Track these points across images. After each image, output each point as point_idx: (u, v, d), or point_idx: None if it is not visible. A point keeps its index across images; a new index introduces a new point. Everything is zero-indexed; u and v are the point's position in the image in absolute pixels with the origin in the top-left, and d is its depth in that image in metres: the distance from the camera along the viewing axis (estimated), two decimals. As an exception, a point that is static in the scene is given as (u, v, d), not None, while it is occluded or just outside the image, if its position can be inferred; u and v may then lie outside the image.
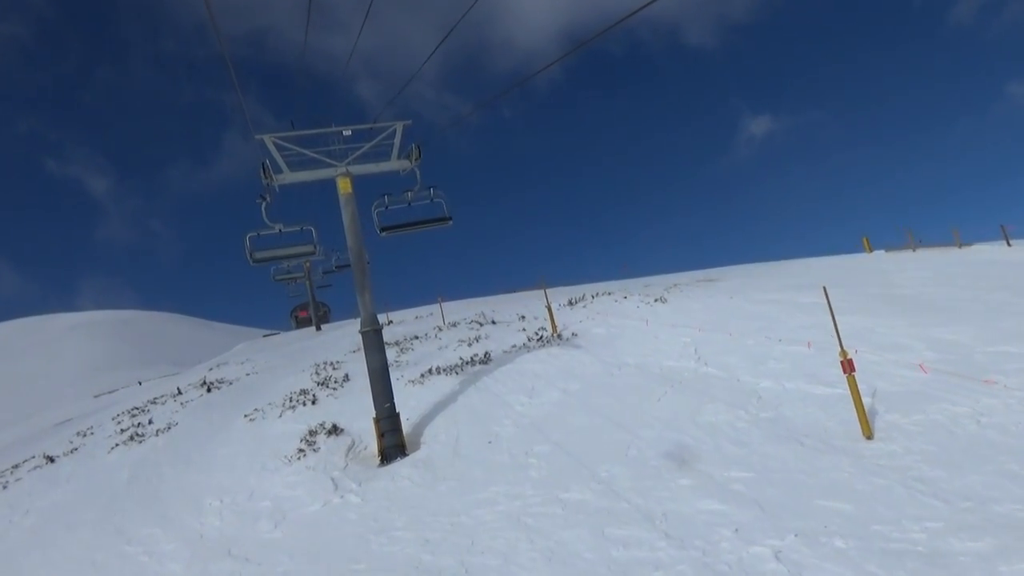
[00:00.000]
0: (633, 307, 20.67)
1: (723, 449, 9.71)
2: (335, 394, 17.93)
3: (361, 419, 15.02)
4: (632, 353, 15.42)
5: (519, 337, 19.31)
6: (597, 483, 9.46)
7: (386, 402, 13.09)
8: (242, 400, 21.56)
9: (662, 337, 16.22)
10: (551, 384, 14.21)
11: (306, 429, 15.11)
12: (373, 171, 14.26)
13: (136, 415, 24.14)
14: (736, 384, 12.19)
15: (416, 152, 13.91)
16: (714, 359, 13.80)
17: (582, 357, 15.75)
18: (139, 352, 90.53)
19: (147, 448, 19.00)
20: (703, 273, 31.01)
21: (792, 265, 28.57)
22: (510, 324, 22.14)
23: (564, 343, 17.44)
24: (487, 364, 16.75)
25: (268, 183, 13.62)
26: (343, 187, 13.75)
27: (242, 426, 17.60)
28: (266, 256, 14.34)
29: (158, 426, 21.06)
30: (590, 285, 37.88)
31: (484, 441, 12.14)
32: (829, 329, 14.77)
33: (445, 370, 16.83)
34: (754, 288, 21.18)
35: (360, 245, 13.58)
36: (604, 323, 19.01)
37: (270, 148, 13.70)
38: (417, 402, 15.08)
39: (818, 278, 22.05)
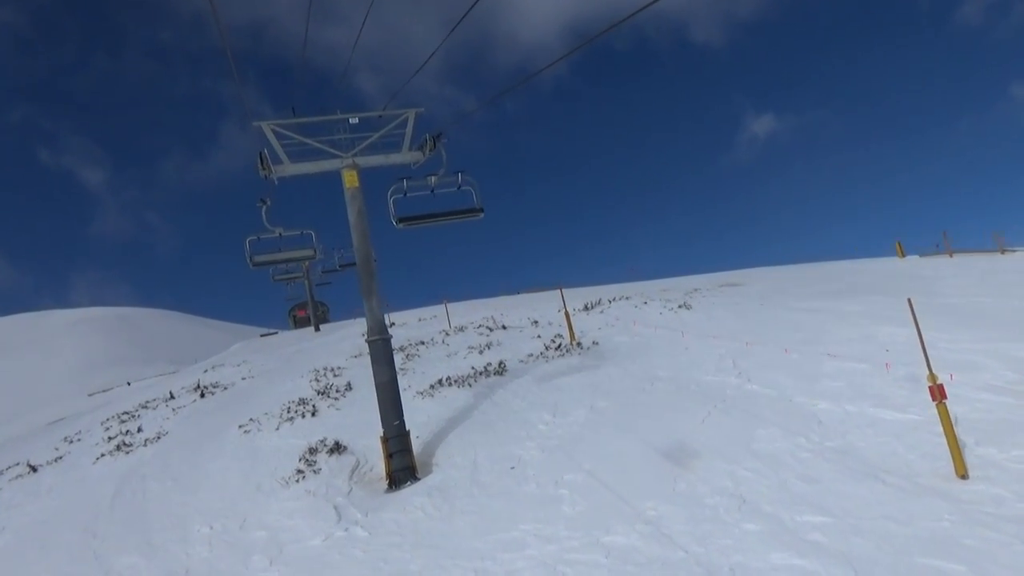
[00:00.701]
0: (655, 313, 19.37)
1: (789, 486, 8.39)
2: (336, 405, 16.61)
3: (366, 435, 13.69)
4: (663, 366, 14.10)
5: (534, 345, 17.98)
6: (644, 524, 8.14)
7: (395, 419, 11.77)
8: (237, 408, 20.28)
9: (694, 348, 14.90)
10: (576, 400, 12.89)
11: (305, 445, 13.79)
12: (382, 163, 12.93)
13: (126, 421, 22.89)
14: (789, 405, 10.87)
15: (431, 143, 12.56)
16: (758, 375, 12.49)
17: (608, 369, 14.43)
18: (136, 350, 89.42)
19: (134, 460, 17.73)
20: (720, 276, 29.71)
21: (816, 269, 27.27)
22: (523, 330, 20.82)
23: (585, 353, 16.12)
24: (502, 375, 15.42)
25: (266, 175, 12.30)
26: (349, 180, 12.43)
27: (236, 438, 16.30)
28: (266, 260, 14.25)
29: (147, 435, 19.80)
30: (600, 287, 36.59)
31: (505, 466, 10.81)
32: (883, 343, 13.52)
33: (457, 381, 15.50)
34: (785, 294, 19.89)
35: (367, 245, 12.26)
36: (626, 331, 17.70)
37: (268, 137, 12.37)
38: (427, 417, 13.76)
39: (852, 284, 20.80)
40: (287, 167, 12.50)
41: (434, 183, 12.37)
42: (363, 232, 12.32)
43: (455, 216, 12.49)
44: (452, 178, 12.46)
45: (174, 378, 33.23)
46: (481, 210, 12.44)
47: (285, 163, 12.51)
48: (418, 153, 13.03)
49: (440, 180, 12.39)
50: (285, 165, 12.50)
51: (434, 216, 12.41)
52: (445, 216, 12.45)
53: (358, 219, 12.31)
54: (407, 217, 12.28)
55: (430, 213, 12.42)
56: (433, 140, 12.58)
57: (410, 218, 12.30)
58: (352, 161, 12.56)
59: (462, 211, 12.52)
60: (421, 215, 12.37)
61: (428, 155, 12.78)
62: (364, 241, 12.26)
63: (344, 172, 12.51)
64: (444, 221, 12.49)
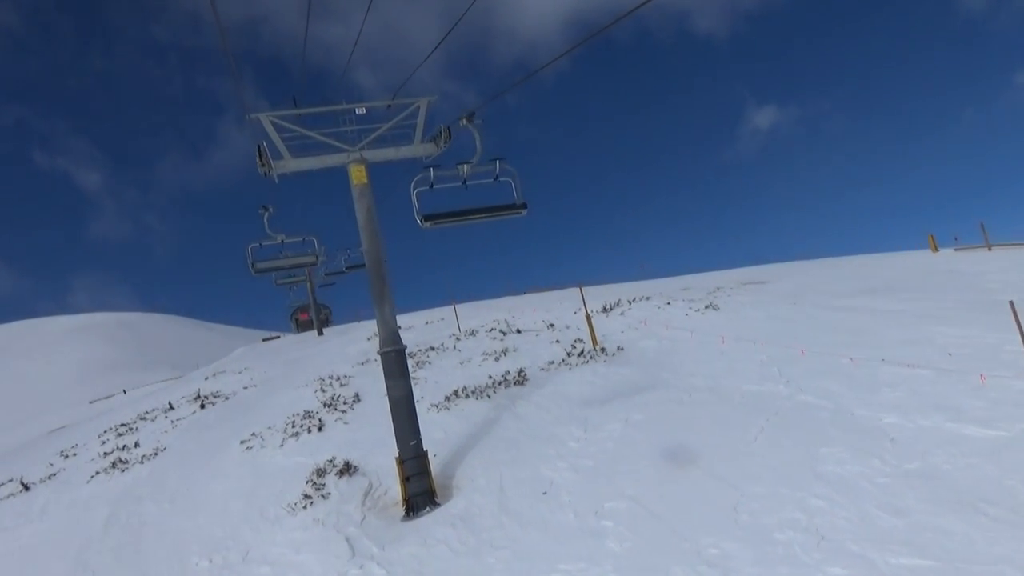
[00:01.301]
0: (680, 315, 18.24)
1: (873, 518, 7.28)
2: (344, 418, 15.51)
3: (378, 453, 12.60)
4: (699, 373, 12.98)
5: (553, 351, 16.87)
6: (707, 566, 7.04)
7: (412, 439, 10.66)
8: (238, 420, 19.23)
9: (731, 353, 13.78)
10: (607, 413, 11.77)
11: (313, 466, 12.70)
12: (392, 157, 11.82)
13: (123, 434, 21.85)
14: (851, 420, 9.75)
15: (445, 134, 11.43)
16: (808, 383, 11.36)
17: (638, 378, 13.31)
18: (137, 355, 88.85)
19: (130, 479, 16.69)
20: (739, 273, 28.55)
21: (841, 264, 26.09)
22: (539, 334, 19.70)
23: (610, 359, 15.00)
24: (523, 385, 14.31)
25: (266, 172, 11.20)
26: (356, 176, 11.32)
27: (237, 456, 15.23)
28: (268, 266, 14.09)
29: (144, 450, 18.75)
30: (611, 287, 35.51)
31: (536, 490, 9.71)
32: (940, 344, 12.37)
33: (474, 392, 14.39)
34: (817, 292, 18.74)
35: (378, 247, 11.14)
36: (652, 334, 16.57)
37: (268, 130, 11.26)
38: (444, 433, 12.65)
39: (887, 280, 19.67)
40: (288, 163, 11.39)
41: (466, 173, 10.56)
42: (373, 233, 11.21)
43: (492, 213, 10.60)
44: (488, 167, 10.68)
45: (174, 386, 32.18)
46: (524, 206, 10.63)
47: (286, 158, 11.40)
48: (431, 145, 11.92)
49: (473, 169, 10.62)
50: (286, 161, 11.40)
51: (467, 214, 10.50)
52: (481, 214, 10.55)
53: (367, 218, 11.20)
54: (435, 215, 10.41)
55: (462, 210, 10.47)
56: (448, 130, 11.45)
57: (439, 216, 10.44)
58: (359, 155, 11.46)
59: (501, 208, 10.60)
60: (452, 213, 10.47)
61: (443, 147, 11.67)
62: (374, 242, 11.15)
63: (351, 167, 11.41)
64: (479, 219, 10.59)
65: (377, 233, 11.29)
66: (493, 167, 10.73)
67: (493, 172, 10.74)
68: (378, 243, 11.23)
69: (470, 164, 10.64)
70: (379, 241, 11.25)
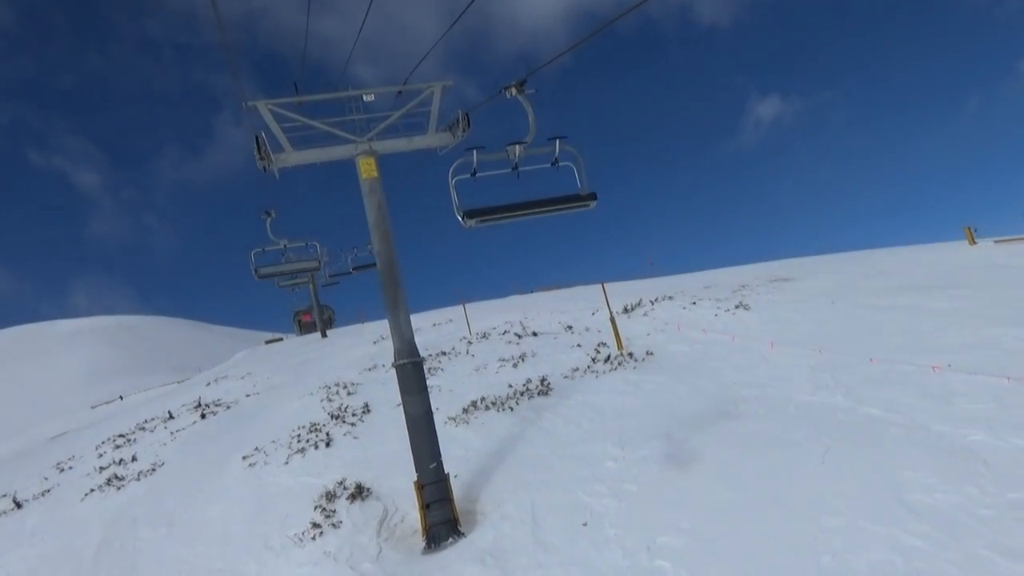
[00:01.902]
0: (708, 315, 17.12)
1: (984, 563, 6.16)
2: (354, 432, 14.42)
3: (393, 473, 11.51)
4: (742, 381, 11.87)
5: (576, 356, 15.76)
6: (793, 623, 5.92)
7: (432, 461, 9.55)
8: (240, 432, 18.17)
9: (774, 358, 12.66)
10: (646, 428, 10.66)
11: (321, 487, 11.61)
12: (404, 148, 10.70)
13: (120, 446, 20.84)
14: (929, 436, 8.62)
15: (464, 121, 10.32)
16: (869, 393, 10.23)
17: (674, 387, 12.20)
18: (140, 359, 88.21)
19: (125, 498, 15.66)
20: (760, 268, 27.36)
21: (869, 258, 24.90)
22: (556, 337, 18.60)
23: (640, 365, 13.88)
24: (547, 395, 13.20)
25: (265, 166, 10.09)
26: (365, 170, 10.21)
27: (239, 473, 14.16)
28: (271, 272, 13.96)
29: (141, 465, 17.73)
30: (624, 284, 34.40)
31: (574, 520, 8.60)
32: (1009, 348, 11.24)
33: (495, 404, 13.27)
34: (854, 290, 17.60)
35: (391, 248, 10.03)
36: (682, 337, 15.46)
37: (267, 119, 10.15)
38: (464, 450, 11.55)
39: (929, 276, 18.52)
40: (290, 156, 10.28)
41: (518, 156, 8.47)
42: (385, 232, 10.09)
43: (552, 207, 8.35)
44: (544, 149, 8.53)
45: (175, 393, 31.15)
46: (592, 197, 8.52)
47: (287, 151, 10.29)
48: (446, 135, 10.80)
49: (526, 152, 8.53)
50: (287, 153, 10.28)
51: (521, 208, 8.28)
52: (538, 208, 8.30)
53: (378, 216, 10.09)
54: (481, 211, 8.28)
55: (515, 204, 8.24)
56: (467, 117, 10.32)
57: (485, 213, 8.30)
58: (368, 146, 10.34)
59: (563, 200, 8.38)
60: (502, 208, 8.28)
61: (460, 136, 10.55)
62: (387, 243, 10.04)
63: (359, 160, 10.29)
64: (536, 215, 8.35)
65: (389, 232, 10.18)
66: (551, 148, 8.57)
67: (551, 155, 8.59)
68: (391, 243, 10.12)
69: (523, 145, 8.53)
70: (392, 241, 10.15)
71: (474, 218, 8.24)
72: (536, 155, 8.61)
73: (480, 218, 8.26)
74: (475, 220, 8.25)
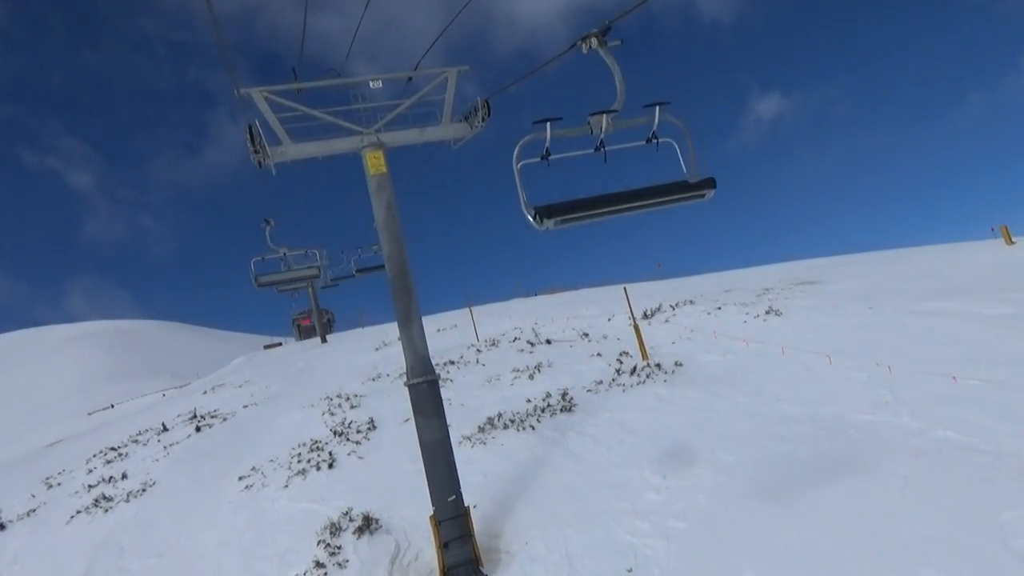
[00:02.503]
0: (736, 321, 16.00)
1: None
2: (359, 451, 13.30)
3: (403, 500, 10.39)
4: (786, 397, 10.74)
5: (597, 367, 14.63)
6: None
7: (450, 494, 8.42)
8: (237, 448, 17.06)
9: (820, 372, 11.54)
10: (688, 453, 9.53)
11: (324, 518, 10.48)
12: (415, 140, 9.58)
13: (111, 460, 19.75)
14: (1022, 466, 7.49)
15: (484, 109, 9.20)
16: (940, 413, 9.11)
17: (713, 403, 11.07)
18: (137, 364, 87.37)
19: (113, 521, 14.58)
20: (779, 269, 26.25)
21: (899, 258, 23.77)
22: (572, 345, 17.47)
23: (670, 378, 12.76)
24: (571, 412, 12.06)
25: (260, 160, 8.96)
26: (373, 164, 9.09)
27: (235, 497, 13.04)
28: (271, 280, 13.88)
29: (131, 484, 16.63)
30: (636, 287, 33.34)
31: (617, 566, 7.47)
32: (1090, 361, 10.17)
33: (514, 421, 12.13)
34: (890, 294, 16.48)
35: (402, 252, 8.91)
36: (711, 346, 14.33)
37: (262, 108, 9.03)
38: (483, 475, 10.42)
39: (966, 277, 17.40)
40: (288, 149, 9.15)
41: (604, 130, 6.23)
42: (395, 234, 8.97)
43: (663, 201, 6.17)
44: (638, 120, 6.31)
45: (171, 402, 30.03)
46: (711, 184, 6.31)
47: (285, 143, 9.16)
48: (463, 125, 9.68)
49: (615, 126, 6.30)
50: (285, 146, 9.16)
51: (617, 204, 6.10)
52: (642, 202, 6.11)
53: (388, 216, 8.96)
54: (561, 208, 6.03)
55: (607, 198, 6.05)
56: (487, 104, 9.20)
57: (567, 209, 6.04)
58: (376, 138, 9.22)
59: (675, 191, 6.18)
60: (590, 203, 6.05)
61: (479, 127, 9.44)
62: (397, 246, 8.92)
63: (366, 154, 9.17)
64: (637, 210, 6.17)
65: (400, 234, 9.06)
66: (647, 119, 6.27)
67: (647, 127, 6.29)
68: (402, 246, 8.99)
69: (610, 115, 6.25)
70: (403, 244, 9.02)
71: (553, 218, 5.92)
72: (626, 129, 6.34)
73: (561, 218, 5.97)
74: (554, 221, 5.95)
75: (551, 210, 6.01)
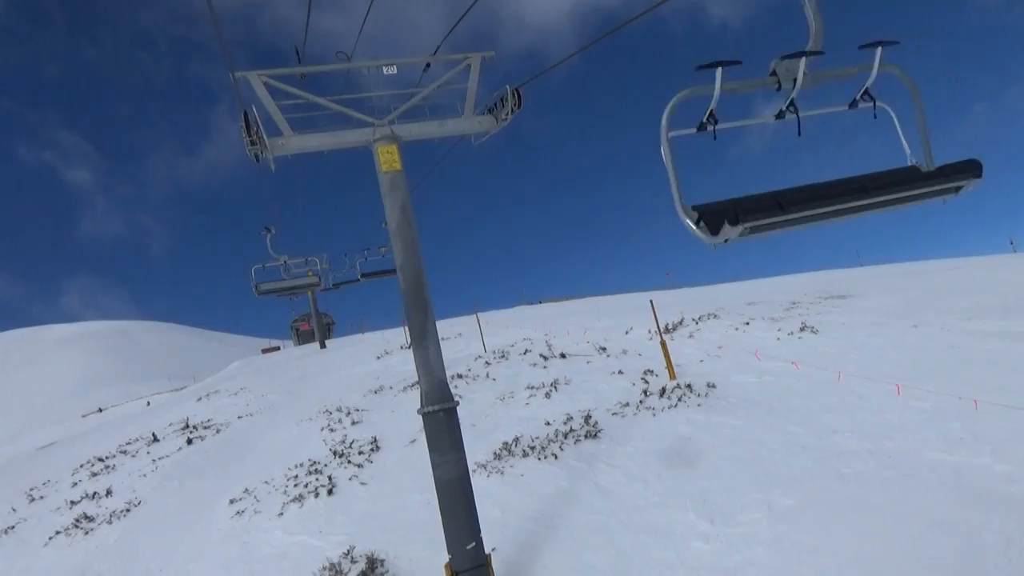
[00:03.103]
0: (769, 338, 14.88)
1: None
2: (361, 476, 12.16)
3: (412, 537, 9.25)
4: (844, 428, 9.60)
5: (620, 387, 13.48)
6: None
7: (469, 541, 7.28)
8: (229, 465, 15.99)
9: (872, 398, 10.41)
10: (737, 493, 8.39)
11: (323, 556, 9.34)
12: (434, 133, 8.49)
13: (97, 473, 18.71)
14: None
15: (515, 99, 8.09)
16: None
17: (757, 433, 9.93)
18: (135, 366, 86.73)
19: (93, 545, 13.58)
20: (799, 281, 25.13)
21: (926, 271, 22.68)
22: (590, 360, 16.34)
23: (705, 402, 11.61)
24: (596, 439, 10.91)
25: (258, 152, 7.85)
26: (386, 160, 7.99)
27: (225, 524, 11.92)
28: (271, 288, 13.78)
29: (116, 502, 15.60)
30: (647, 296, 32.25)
31: (666, 633, 6.34)
32: None
33: (533, 448, 10.98)
34: (931, 311, 15.36)
35: (418, 261, 7.79)
36: (745, 366, 13.20)
37: (260, 95, 7.94)
38: (501, 511, 9.27)
39: (1009, 295, 16.30)
40: (289, 140, 8.05)
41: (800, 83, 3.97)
42: (410, 240, 7.86)
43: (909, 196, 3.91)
44: (848, 71, 4.05)
45: (164, 408, 28.93)
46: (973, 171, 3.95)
47: (286, 135, 8.06)
48: (488, 118, 8.59)
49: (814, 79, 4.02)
50: (286, 138, 8.05)
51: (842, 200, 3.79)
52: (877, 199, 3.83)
53: (402, 219, 7.85)
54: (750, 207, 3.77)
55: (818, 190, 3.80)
56: (517, 93, 8.09)
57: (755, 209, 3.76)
58: (390, 131, 8.11)
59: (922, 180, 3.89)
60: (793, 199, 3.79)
61: (507, 120, 8.35)
62: (412, 254, 7.80)
63: (378, 148, 8.06)
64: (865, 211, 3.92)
65: (415, 240, 7.94)
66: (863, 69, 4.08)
67: (859, 83, 4.12)
68: (417, 254, 7.87)
69: (808, 58, 3.97)
70: (418, 251, 7.91)
71: (738, 225, 3.67)
72: (829, 80, 4.05)
73: (750, 224, 3.69)
74: (738, 231, 3.71)
75: (729, 212, 3.66)
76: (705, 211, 3.80)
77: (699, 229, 3.81)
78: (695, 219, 3.82)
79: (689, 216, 3.82)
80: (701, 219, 3.81)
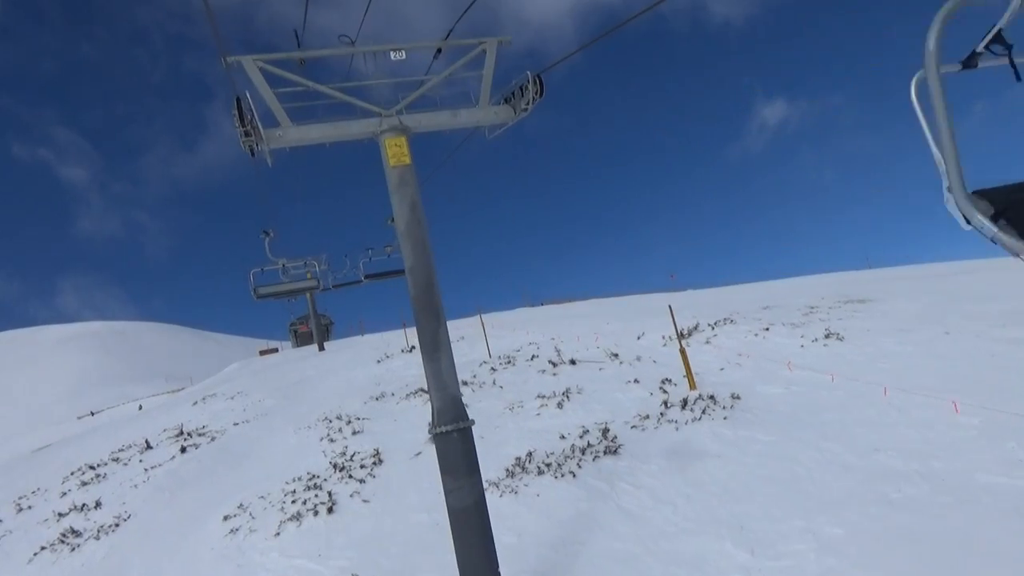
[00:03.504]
0: (792, 345, 14.16)
1: None
2: (363, 492, 11.43)
3: (418, 565, 8.52)
4: (886, 446, 8.88)
5: (638, 396, 12.76)
6: None
7: (486, 573, 6.55)
8: (223, 476, 15.28)
9: (911, 411, 9.68)
10: (776, 518, 7.67)
11: (323, 584, 8.61)
12: (446, 124, 7.76)
13: (88, 482, 18.02)
14: None
15: (536, 86, 7.38)
16: (1099, 478, 7.26)
17: (792, 451, 9.20)
18: (132, 367, 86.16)
19: (79, 563, 13.11)
20: (814, 282, 24.42)
21: (946, 273, 21.97)
22: (602, 368, 15.61)
23: (730, 413, 10.89)
24: (616, 455, 10.16)
25: (252, 145, 7.11)
26: (394, 153, 7.26)
27: (218, 543, 11.21)
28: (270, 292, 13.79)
29: (105, 515, 14.95)
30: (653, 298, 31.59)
31: None
32: None
33: (548, 464, 10.24)
34: (959, 316, 14.65)
35: (429, 263, 7.07)
36: (770, 375, 12.48)
37: (256, 82, 7.21)
38: (517, 536, 8.54)
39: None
40: (288, 132, 7.32)
41: None
42: (420, 241, 7.13)
43: None
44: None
45: (159, 411, 28.22)
46: None
47: (284, 125, 7.32)
48: (505, 108, 7.87)
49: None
50: (284, 129, 7.32)
51: None
52: None
53: (411, 218, 7.12)
54: None
55: None
56: (539, 80, 7.38)
57: None
58: (398, 121, 7.39)
59: None
60: None
61: (525, 110, 7.62)
62: (423, 256, 7.08)
63: (385, 140, 7.34)
64: None
65: (426, 241, 7.21)
66: None
67: None
68: (428, 256, 7.15)
69: None
70: (430, 253, 7.18)
71: None
72: None
73: None
74: None
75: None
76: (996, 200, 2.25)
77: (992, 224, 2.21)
78: (988, 212, 2.23)
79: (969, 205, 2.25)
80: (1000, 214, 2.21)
